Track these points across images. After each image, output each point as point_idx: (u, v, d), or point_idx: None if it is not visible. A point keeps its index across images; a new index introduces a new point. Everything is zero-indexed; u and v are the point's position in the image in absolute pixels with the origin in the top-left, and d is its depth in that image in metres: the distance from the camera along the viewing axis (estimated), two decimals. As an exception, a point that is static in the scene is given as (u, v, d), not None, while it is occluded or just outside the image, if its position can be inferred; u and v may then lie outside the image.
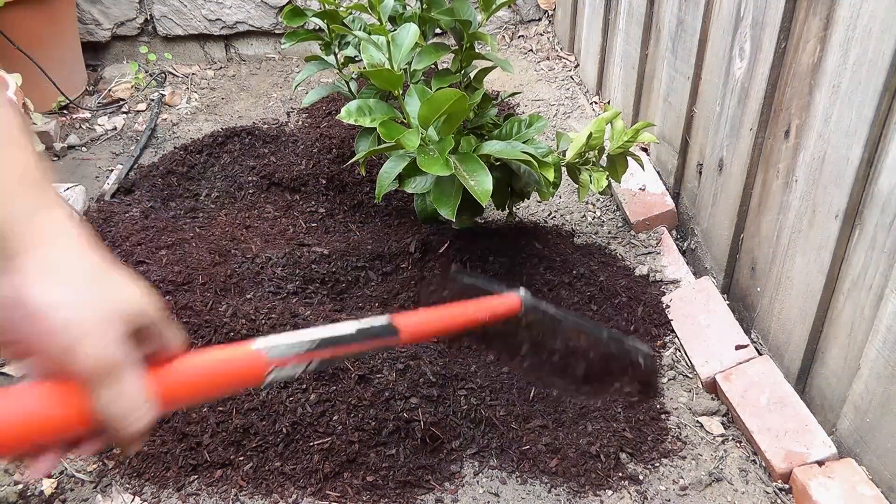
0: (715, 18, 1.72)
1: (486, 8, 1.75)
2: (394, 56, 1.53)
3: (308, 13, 1.90)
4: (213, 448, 1.36)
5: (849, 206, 1.26)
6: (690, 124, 1.89)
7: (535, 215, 2.08)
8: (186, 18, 3.06)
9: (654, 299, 1.75)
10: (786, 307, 1.48)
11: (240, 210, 2.09)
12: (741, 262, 1.67)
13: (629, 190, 2.05)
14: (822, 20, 1.31)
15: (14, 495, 1.32)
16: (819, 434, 1.36)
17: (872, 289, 1.22)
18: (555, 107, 2.62)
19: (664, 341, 1.66)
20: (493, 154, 1.59)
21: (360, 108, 1.54)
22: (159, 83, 2.95)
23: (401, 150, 1.56)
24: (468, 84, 1.81)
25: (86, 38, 2.99)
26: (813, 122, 1.35)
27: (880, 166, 1.19)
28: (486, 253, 1.82)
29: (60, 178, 2.30)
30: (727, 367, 1.53)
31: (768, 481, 1.36)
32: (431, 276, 1.72)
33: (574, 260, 1.85)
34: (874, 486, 1.25)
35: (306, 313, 1.61)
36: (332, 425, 1.37)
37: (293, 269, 1.81)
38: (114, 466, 1.36)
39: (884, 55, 1.15)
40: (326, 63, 1.98)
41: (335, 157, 2.33)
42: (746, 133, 1.58)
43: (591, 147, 1.70)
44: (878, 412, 1.23)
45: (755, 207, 1.59)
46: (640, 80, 2.23)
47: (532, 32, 3.22)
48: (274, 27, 3.12)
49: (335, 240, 1.96)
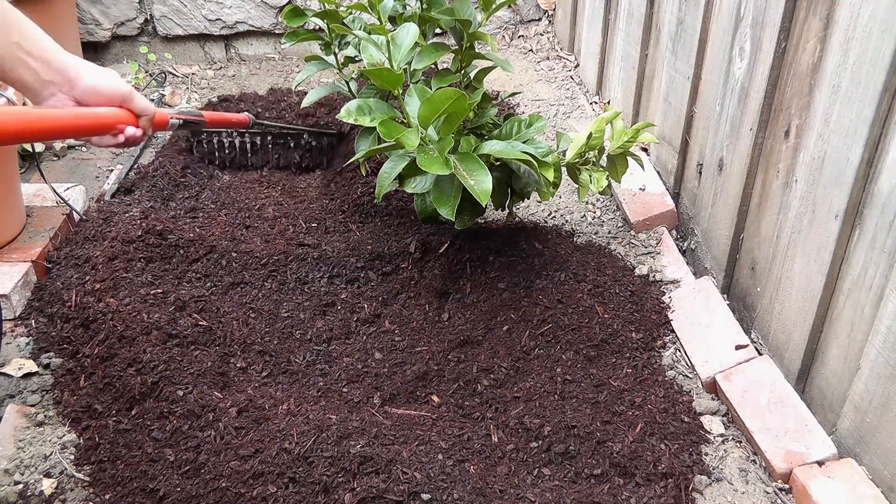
0: (715, 18, 1.72)
1: (486, 8, 1.75)
2: (394, 56, 1.53)
3: (308, 13, 1.90)
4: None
5: (849, 206, 1.26)
6: (690, 124, 1.89)
7: (535, 215, 2.08)
8: (186, 18, 3.05)
9: (654, 299, 1.75)
10: (786, 307, 1.48)
11: (240, 210, 2.09)
12: (741, 262, 1.67)
13: (629, 190, 2.05)
14: (822, 20, 1.31)
15: (14, 495, 1.31)
16: (819, 434, 1.36)
17: (872, 289, 1.22)
18: (555, 107, 2.62)
19: (664, 341, 1.66)
20: (493, 154, 1.59)
21: (360, 108, 1.54)
22: (159, 83, 2.95)
23: (401, 149, 1.56)
24: (468, 84, 1.81)
25: (86, 38, 2.99)
26: (813, 122, 1.35)
27: (880, 166, 1.19)
28: (486, 253, 1.82)
29: (60, 178, 2.31)
30: (727, 367, 1.53)
31: (768, 481, 1.36)
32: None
33: (574, 260, 1.85)
34: (874, 486, 1.25)
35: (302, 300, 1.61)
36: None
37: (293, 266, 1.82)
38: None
39: (884, 55, 1.15)
40: (326, 63, 1.98)
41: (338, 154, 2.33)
42: (746, 133, 1.58)
43: (591, 147, 1.70)
44: (878, 412, 1.23)
45: (755, 207, 1.59)
46: (640, 80, 2.23)
47: (532, 32, 3.22)
48: (274, 27, 3.11)
49: (335, 240, 1.96)
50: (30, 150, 2.25)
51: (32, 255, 1.82)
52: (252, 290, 1.78)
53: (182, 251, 1.83)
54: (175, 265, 1.80)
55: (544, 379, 1.55)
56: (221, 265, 1.82)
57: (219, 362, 1.56)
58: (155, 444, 1.40)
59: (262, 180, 2.30)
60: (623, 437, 1.41)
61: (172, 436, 1.41)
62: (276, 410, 1.44)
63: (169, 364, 1.50)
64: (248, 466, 1.32)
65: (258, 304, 1.75)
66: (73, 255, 1.84)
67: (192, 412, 1.43)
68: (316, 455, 1.33)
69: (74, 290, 1.69)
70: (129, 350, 1.52)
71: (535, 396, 1.51)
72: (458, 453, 1.39)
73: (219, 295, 1.75)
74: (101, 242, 1.85)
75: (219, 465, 1.34)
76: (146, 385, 1.47)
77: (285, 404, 1.46)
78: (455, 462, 1.36)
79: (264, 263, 1.85)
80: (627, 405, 1.49)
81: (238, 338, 1.64)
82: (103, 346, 1.54)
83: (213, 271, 1.81)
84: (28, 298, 1.76)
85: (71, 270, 1.78)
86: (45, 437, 1.43)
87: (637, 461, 1.36)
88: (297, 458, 1.33)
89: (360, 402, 1.53)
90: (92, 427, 1.44)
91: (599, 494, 1.31)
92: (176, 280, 1.76)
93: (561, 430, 1.42)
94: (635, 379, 1.55)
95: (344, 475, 1.30)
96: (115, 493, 1.32)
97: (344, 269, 1.85)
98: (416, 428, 1.45)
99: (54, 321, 1.66)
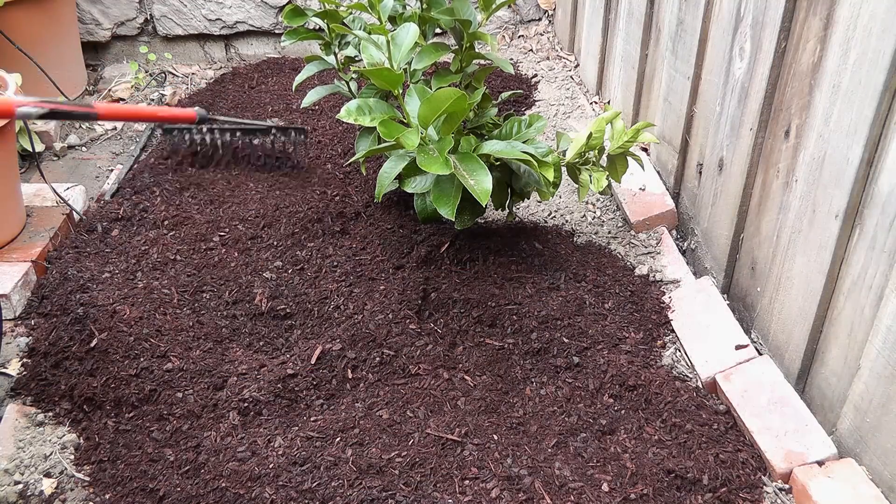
0: (715, 18, 1.72)
1: (486, 8, 1.75)
2: (394, 56, 1.53)
3: (308, 13, 1.90)
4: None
5: (849, 206, 1.26)
6: (690, 124, 1.89)
7: (535, 215, 2.08)
8: (186, 18, 3.05)
9: (654, 299, 1.75)
10: (786, 307, 1.48)
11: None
12: (741, 261, 1.67)
13: (629, 190, 2.05)
14: (822, 20, 1.31)
15: (14, 495, 1.31)
16: (819, 434, 1.36)
17: (872, 289, 1.22)
18: (555, 107, 2.62)
19: (664, 341, 1.66)
20: (493, 154, 1.59)
21: (360, 108, 1.54)
22: (159, 83, 2.95)
23: (401, 149, 1.57)
24: (468, 84, 1.81)
25: (86, 37, 2.99)
26: (813, 121, 1.35)
27: (880, 166, 1.19)
28: (486, 252, 1.82)
29: (60, 177, 2.31)
30: (727, 366, 1.53)
31: (768, 481, 1.36)
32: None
33: (574, 260, 1.85)
34: (874, 486, 1.25)
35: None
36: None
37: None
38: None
39: (884, 55, 1.15)
40: (326, 63, 1.98)
41: (339, 153, 2.33)
42: (746, 133, 1.58)
43: (591, 147, 1.71)
44: (879, 412, 1.23)
45: (755, 207, 1.59)
46: (640, 80, 2.23)
47: (532, 32, 3.22)
48: (274, 27, 3.11)
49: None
50: (30, 150, 2.25)
51: (32, 255, 1.82)
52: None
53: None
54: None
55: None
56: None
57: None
58: (155, 444, 1.40)
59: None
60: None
61: (172, 436, 1.42)
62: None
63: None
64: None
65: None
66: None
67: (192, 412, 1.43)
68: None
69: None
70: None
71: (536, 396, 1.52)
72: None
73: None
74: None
75: (218, 466, 1.34)
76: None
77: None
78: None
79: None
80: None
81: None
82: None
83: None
84: (28, 298, 1.76)
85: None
86: (45, 436, 1.43)
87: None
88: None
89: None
90: (92, 427, 1.44)
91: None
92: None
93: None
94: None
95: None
96: (115, 493, 1.32)
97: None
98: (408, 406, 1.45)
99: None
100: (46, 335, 1.60)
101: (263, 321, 1.70)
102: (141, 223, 1.98)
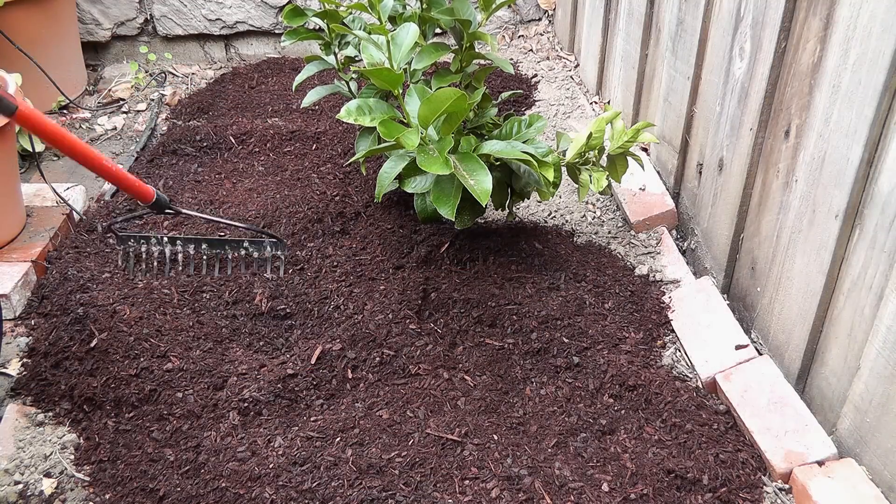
0: (715, 18, 1.72)
1: (486, 8, 1.75)
2: (394, 55, 1.53)
3: (308, 13, 1.90)
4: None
5: (849, 206, 1.26)
6: (690, 124, 1.89)
7: (535, 215, 2.08)
8: (186, 18, 3.05)
9: (654, 299, 1.75)
10: (786, 307, 1.48)
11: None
12: (741, 261, 1.67)
13: (629, 190, 2.05)
14: (822, 20, 1.31)
15: (14, 495, 1.32)
16: (819, 434, 1.36)
17: (872, 289, 1.22)
18: (555, 107, 2.62)
19: (664, 341, 1.66)
20: (493, 154, 1.59)
21: (360, 108, 1.54)
22: (159, 83, 2.95)
23: (401, 149, 1.57)
24: (468, 84, 1.81)
25: (86, 38, 2.99)
26: (813, 121, 1.35)
27: (880, 166, 1.19)
28: (486, 252, 1.82)
29: (60, 178, 2.31)
30: (727, 366, 1.53)
31: (768, 481, 1.36)
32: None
33: (574, 260, 1.85)
34: (874, 486, 1.25)
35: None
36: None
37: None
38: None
39: (884, 55, 1.15)
40: (326, 63, 1.98)
41: (339, 153, 2.33)
42: (746, 133, 1.58)
43: (591, 147, 1.71)
44: (878, 412, 1.23)
45: (755, 207, 1.59)
46: (640, 80, 2.23)
47: (532, 32, 3.22)
48: (274, 27, 3.11)
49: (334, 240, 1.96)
50: (30, 150, 2.25)
51: (32, 255, 1.83)
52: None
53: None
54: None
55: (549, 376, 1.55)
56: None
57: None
58: (155, 444, 1.40)
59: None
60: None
61: (172, 436, 1.42)
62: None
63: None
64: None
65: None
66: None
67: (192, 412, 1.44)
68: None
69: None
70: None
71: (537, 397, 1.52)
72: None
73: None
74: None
75: (218, 466, 1.34)
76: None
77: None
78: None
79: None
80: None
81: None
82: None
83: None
84: (28, 298, 1.76)
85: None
86: (45, 436, 1.43)
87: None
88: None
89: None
90: (92, 427, 1.44)
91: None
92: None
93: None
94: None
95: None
96: (115, 493, 1.32)
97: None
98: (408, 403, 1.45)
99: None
100: (46, 335, 1.60)
101: (263, 321, 1.70)
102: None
